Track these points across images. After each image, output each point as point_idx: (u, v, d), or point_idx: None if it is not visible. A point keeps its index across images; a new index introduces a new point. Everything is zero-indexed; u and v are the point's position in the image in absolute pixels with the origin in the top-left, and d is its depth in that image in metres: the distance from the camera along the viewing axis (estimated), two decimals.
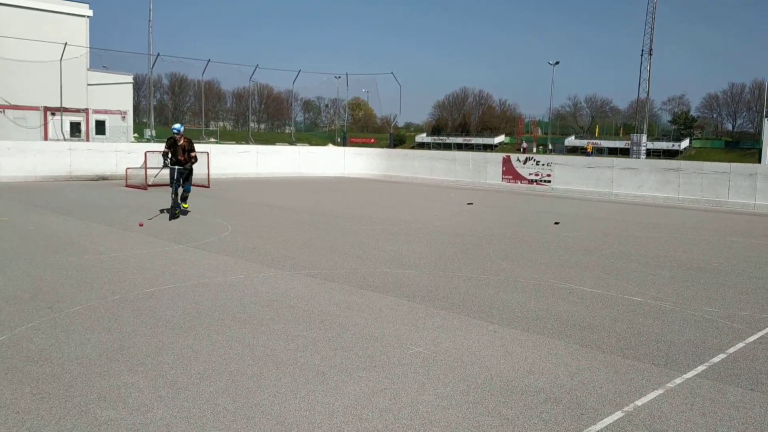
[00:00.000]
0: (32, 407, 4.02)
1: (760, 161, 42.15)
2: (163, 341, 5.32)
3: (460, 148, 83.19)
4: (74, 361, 4.83)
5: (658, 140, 76.92)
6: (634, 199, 21.02)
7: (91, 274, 7.73)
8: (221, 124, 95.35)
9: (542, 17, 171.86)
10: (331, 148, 32.59)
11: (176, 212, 12.80)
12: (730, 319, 6.51)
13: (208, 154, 22.46)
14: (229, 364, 4.85)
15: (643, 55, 60.97)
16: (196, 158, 13.45)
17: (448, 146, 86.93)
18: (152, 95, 37.42)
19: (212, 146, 28.05)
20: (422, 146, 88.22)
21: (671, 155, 68.72)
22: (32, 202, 15.36)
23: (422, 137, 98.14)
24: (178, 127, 13.34)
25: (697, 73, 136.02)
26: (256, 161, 27.57)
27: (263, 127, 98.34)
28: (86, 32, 37.88)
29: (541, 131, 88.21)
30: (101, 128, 36.76)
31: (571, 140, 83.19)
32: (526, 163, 24.55)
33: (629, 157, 51.50)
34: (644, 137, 60.23)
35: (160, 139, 34.52)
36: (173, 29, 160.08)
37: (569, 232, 12.66)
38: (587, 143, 73.88)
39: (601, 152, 73.65)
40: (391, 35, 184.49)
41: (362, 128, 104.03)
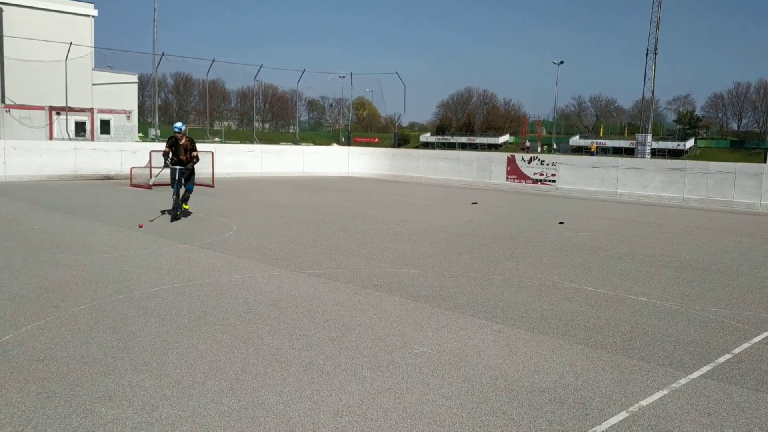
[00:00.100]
0: (38, 406, 4.03)
1: (765, 161, 42.06)
2: (168, 340, 5.33)
3: (464, 147, 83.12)
4: (79, 360, 4.84)
5: (663, 140, 76.77)
6: (639, 198, 20.98)
7: (96, 273, 7.75)
8: (226, 123, 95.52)
9: (547, 17, 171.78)
10: (335, 147, 32.60)
11: (177, 213, 12.54)
12: (735, 319, 6.49)
13: (212, 153, 22.50)
14: (233, 363, 4.86)
15: (648, 54, 60.75)
16: (197, 158, 13.11)
17: (452, 146, 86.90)
18: (157, 95, 37.52)
19: (217, 146, 28.11)
20: (426, 146, 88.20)
21: (676, 155, 68.56)
22: (38, 201, 15.42)
23: (426, 137, 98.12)
24: (179, 125, 13.00)
25: (702, 72, 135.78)
26: (260, 161, 27.60)
27: (268, 126, 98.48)
28: (91, 32, 38.01)
29: (545, 131, 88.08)
30: (106, 128, 36.86)
31: (575, 140, 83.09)
32: (530, 162, 24.53)
33: (634, 156, 51.38)
34: (649, 137, 60.06)
35: (164, 138, 34.52)
36: (178, 29, 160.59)
37: (574, 231, 12.64)
38: (592, 143, 73.74)
39: (605, 152, 73.52)
40: (395, 35, 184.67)
41: (366, 128, 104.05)
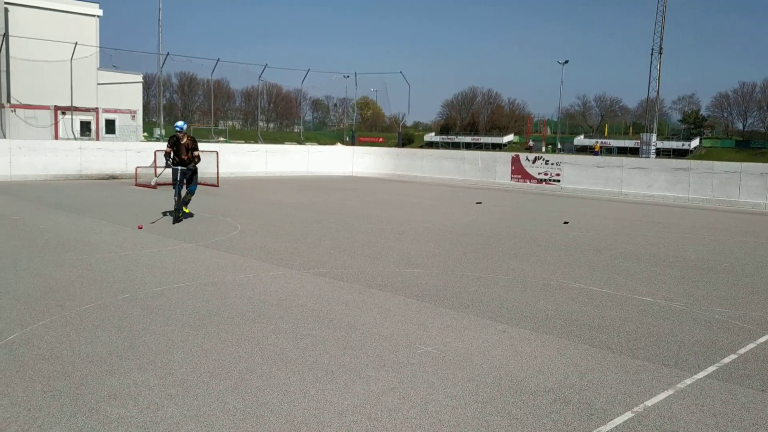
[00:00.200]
0: (43, 404, 4.04)
1: None
2: (172, 339, 5.34)
3: (468, 147, 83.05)
4: (85, 359, 4.86)
5: (667, 139, 76.58)
6: (643, 198, 20.93)
7: (101, 272, 7.77)
8: (230, 123, 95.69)
9: (551, 16, 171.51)
10: (339, 147, 32.62)
11: (179, 216, 12.17)
12: (741, 319, 6.47)
13: (217, 153, 22.54)
14: (238, 362, 4.86)
15: (653, 54, 60.64)
16: (199, 158, 12.65)
17: (456, 145, 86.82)
18: (162, 94, 37.59)
19: (221, 145, 28.15)
20: (431, 145, 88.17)
21: (681, 155, 68.37)
22: (43, 200, 15.46)
23: (431, 136, 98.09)
24: (180, 124, 12.59)
25: (707, 71, 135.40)
26: (265, 160, 27.63)
27: (272, 126, 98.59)
28: (96, 32, 38.12)
29: (550, 130, 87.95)
30: (111, 127, 36.98)
31: (580, 139, 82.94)
32: (535, 162, 24.49)
33: (639, 156, 51.27)
34: (654, 136, 59.95)
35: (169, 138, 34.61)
36: (183, 29, 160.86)
37: (578, 231, 12.62)
38: (596, 143, 73.58)
39: (610, 151, 73.38)
40: (399, 34, 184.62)
41: (371, 127, 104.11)
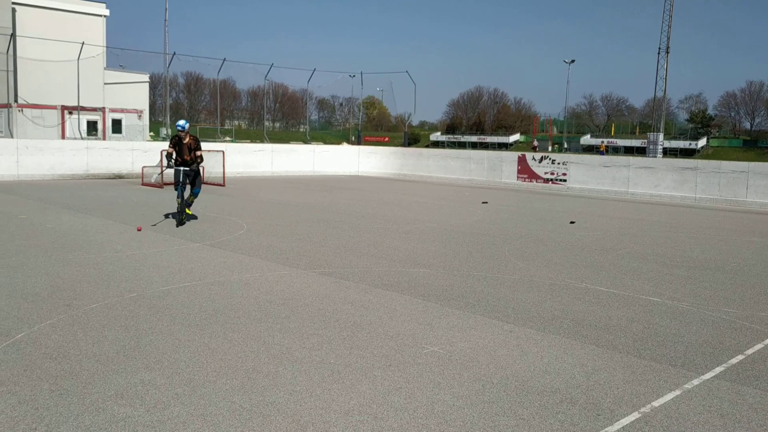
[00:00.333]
0: (51, 404, 4.06)
1: None
2: (179, 339, 5.36)
3: (474, 146, 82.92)
4: (92, 358, 4.87)
5: (674, 139, 76.22)
6: (650, 198, 20.86)
7: (108, 271, 7.80)
8: (236, 122, 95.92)
9: (558, 15, 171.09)
10: (345, 146, 32.62)
11: (183, 218, 11.77)
12: (748, 319, 6.45)
13: (223, 153, 22.58)
14: (244, 361, 4.87)
15: (660, 53, 60.31)
16: (201, 158, 12.23)
17: (462, 145, 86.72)
18: (168, 94, 37.64)
19: (227, 145, 28.19)
20: (437, 145, 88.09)
21: (688, 154, 68.09)
22: (50, 200, 15.53)
23: (437, 136, 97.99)
24: (182, 123, 12.10)
25: (714, 71, 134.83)
26: (271, 160, 27.66)
27: (278, 125, 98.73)
28: (103, 32, 38.28)
29: (556, 130, 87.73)
30: (117, 127, 37.09)
31: (586, 139, 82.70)
32: (541, 162, 24.44)
33: (646, 156, 51.09)
34: (661, 136, 59.61)
35: None
36: (189, 28, 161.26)
37: (585, 231, 12.58)
38: (601, 142, 73.34)
39: (617, 151, 73.14)
40: (405, 34, 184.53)
41: (377, 127, 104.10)
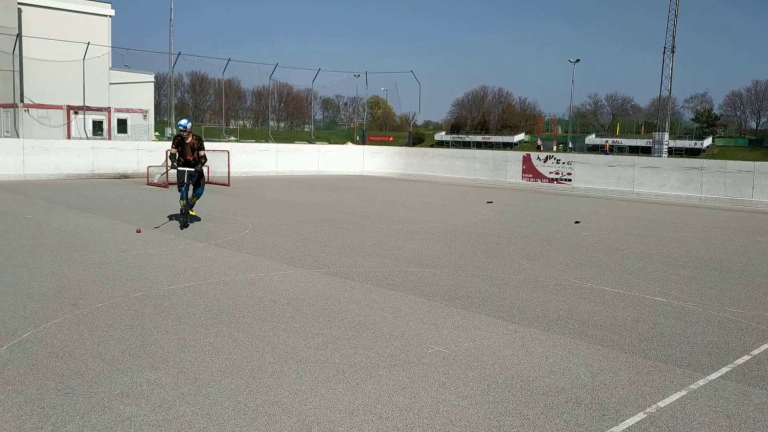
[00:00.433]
0: (57, 403, 4.07)
1: None
2: (184, 338, 5.37)
3: (479, 146, 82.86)
4: (97, 357, 4.89)
5: (680, 138, 76.07)
6: (656, 198, 20.80)
7: (113, 271, 7.82)
8: (241, 122, 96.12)
9: (563, 15, 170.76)
10: (350, 146, 32.65)
11: (186, 220, 11.47)
12: (754, 320, 6.42)
13: (228, 152, 22.62)
14: (250, 361, 4.88)
15: (665, 52, 60.17)
16: (205, 158, 11.87)
17: (467, 144, 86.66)
18: (173, 94, 37.78)
19: (232, 145, 28.25)
20: (441, 144, 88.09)
21: (693, 154, 67.94)
22: (56, 199, 15.57)
23: (441, 135, 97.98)
24: (184, 123, 11.81)
25: (720, 70, 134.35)
26: (275, 160, 27.70)
27: (283, 125, 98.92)
28: (108, 32, 38.40)
29: (561, 129, 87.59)
30: (123, 127, 37.19)
31: (591, 138, 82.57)
32: (546, 161, 24.40)
33: (651, 155, 50.95)
34: (666, 135, 59.49)
35: None
36: (194, 29, 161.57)
37: (590, 231, 12.56)
38: (605, 142, 73.20)
39: (622, 150, 72.95)
40: (409, 34, 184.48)
41: (381, 126, 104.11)
